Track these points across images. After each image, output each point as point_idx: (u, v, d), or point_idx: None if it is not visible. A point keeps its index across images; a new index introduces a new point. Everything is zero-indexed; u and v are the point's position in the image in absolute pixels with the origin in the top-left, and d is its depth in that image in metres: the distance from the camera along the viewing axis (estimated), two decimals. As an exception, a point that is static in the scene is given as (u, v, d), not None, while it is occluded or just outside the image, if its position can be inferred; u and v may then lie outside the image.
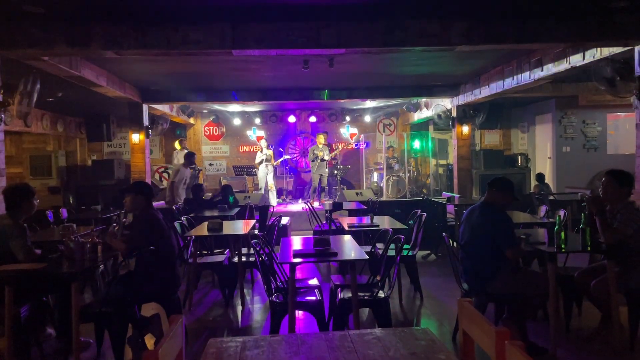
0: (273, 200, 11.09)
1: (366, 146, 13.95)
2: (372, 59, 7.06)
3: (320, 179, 11.32)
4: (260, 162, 11.32)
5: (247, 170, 12.00)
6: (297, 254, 3.68)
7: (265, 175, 11.31)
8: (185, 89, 9.56)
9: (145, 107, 9.61)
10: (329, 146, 12.39)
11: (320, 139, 11.40)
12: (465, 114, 10.14)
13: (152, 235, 3.82)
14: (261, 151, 11.38)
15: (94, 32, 4.81)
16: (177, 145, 12.55)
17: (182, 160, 11.82)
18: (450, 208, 7.98)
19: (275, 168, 11.75)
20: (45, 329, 4.14)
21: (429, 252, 7.53)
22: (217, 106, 12.56)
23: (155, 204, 9.04)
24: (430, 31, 5.03)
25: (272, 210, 7.90)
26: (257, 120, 13.51)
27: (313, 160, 11.26)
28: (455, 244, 5.68)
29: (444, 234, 4.13)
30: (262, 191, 11.19)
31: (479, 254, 3.73)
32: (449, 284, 5.64)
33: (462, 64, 7.71)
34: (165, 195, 9.56)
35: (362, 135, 13.93)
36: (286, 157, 12.64)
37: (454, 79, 9.33)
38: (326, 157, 11.15)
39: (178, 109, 11.50)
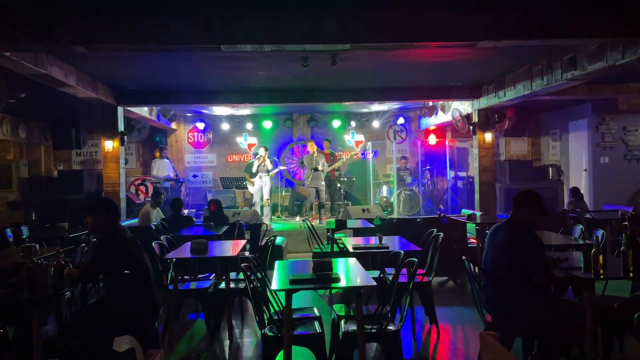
0: (267, 217, 11.08)
1: (374, 155, 13.97)
2: (381, 55, 7.11)
3: (317, 193, 11.28)
4: (256, 172, 11.28)
5: (236, 182, 11.99)
6: (294, 280, 3.67)
7: (261, 188, 11.29)
8: (166, 89, 9.61)
9: (120, 110, 9.65)
10: (332, 155, 12.39)
11: (311, 147, 11.38)
12: (488, 119, 10.17)
13: (119, 259, 3.83)
14: (259, 160, 11.29)
15: (62, 24, 4.85)
16: (157, 153, 12.57)
17: (161, 171, 11.85)
18: (471, 227, 7.97)
19: (271, 180, 11.72)
20: (2, 366, 4.11)
21: (446, 278, 7.51)
22: (203, 109, 12.61)
23: (130, 221, 9.08)
24: (448, 24, 5.07)
25: (265, 228, 7.89)
26: (249, 126, 13.56)
27: (315, 170, 11.21)
28: (476, 269, 5.66)
29: (463, 257, 4.12)
30: (257, 206, 11.17)
31: (504, 281, 3.72)
32: (469, 315, 5.61)
33: (484, 61, 7.76)
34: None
35: (369, 143, 13.96)
36: (281, 167, 12.65)
37: (475, 78, 9.38)
38: (319, 168, 11.12)
39: (158, 112, 11.54)
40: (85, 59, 6.73)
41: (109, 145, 9.55)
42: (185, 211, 9.18)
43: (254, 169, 11.34)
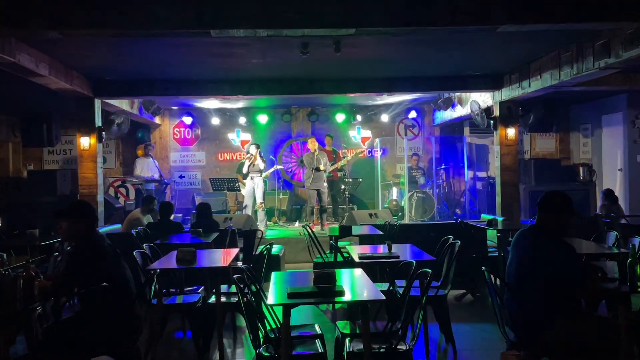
0: (262, 223, 11.08)
1: (382, 153, 13.97)
2: (390, 42, 7.11)
3: (318, 196, 11.26)
4: (247, 173, 11.29)
5: (228, 184, 12.00)
6: (292, 293, 3.67)
7: (253, 190, 11.29)
8: (149, 80, 9.62)
9: (97, 102, 9.67)
10: (334, 153, 12.38)
11: (312, 144, 11.34)
12: (511, 112, 10.16)
13: (96, 270, 3.83)
14: (250, 160, 11.30)
15: (33, 6, 4.86)
16: (139, 151, 12.58)
17: (145, 171, 11.85)
18: (492, 234, 7.96)
19: (265, 181, 11.72)
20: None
21: (463, 291, 7.50)
22: (190, 102, 12.62)
23: (108, 227, 9.09)
24: (464, 6, 5.07)
25: (260, 235, 7.89)
26: (242, 120, 13.56)
27: (317, 170, 11.17)
28: (498, 281, 5.65)
29: (483, 267, 4.12)
30: (248, 211, 11.17)
31: (530, 294, 3.71)
32: (489, 332, 5.61)
33: (506, 48, 7.75)
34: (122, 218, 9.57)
35: (377, 140, 13.95)
36: (278, 167, 12.64)
37: (496, 67, 9.38)
38: (321, 167, 11.10)
39: (140, 105, 11.56)
40: (59, 45, 6.73)
41: (85, 142, 9.55)
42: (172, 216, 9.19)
43: (244, 169, 11.34)
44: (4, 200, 11.48)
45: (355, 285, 4.09)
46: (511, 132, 10.22)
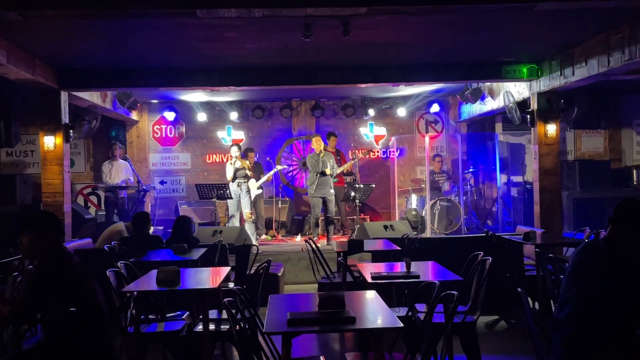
0: (252, 235, 11.08)
1: (400, 154, 13.97)
2: (408, 23, 7.12)
3: (324, 204, 11.26)
4: (233, 179, 11.33)
5: (217, 191, 12.01)
6: (293, 320, 3.67)
7: (238, 198, 11.31)
8: (124, 68, 9.64)
9: (64, 95, 9.69)
10: (337, 154, 12.38)
11: (317, 143, 11.33)
12: (552, 105, 10.15)
13: (63, 292, 3.84)
14: (232, 163, 11.36)
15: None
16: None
17: (115, 175, 11.87)
18: (529, 249, 7.94)
19: (249, 188, 11.71)
20: None
21: (496, 317, 7.49)
22: (173, 95, 12.65)
23: (77, 242, 9.11)
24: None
25: (256, 252, 7.90)
26: (234, 116, 13.57)
27: (322, 175, 11.16)
28: (537, 305, 5.64)
29: (519, 289, 4.11)
30: (235, 222, 11.20)
31: (593, 320, 3.66)
32: (527, 366, 5.60)
33: (545, 30, 7.76)
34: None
35: (393, 138, 13.97)
36: (278, 167, 12.65)
37: (534, 52, 9.38)
38: (327, 171, 11.09)
39: (114, 98, 11.59)
40: (19, 29, 6.77)
41: (50, 141, 9.57)
42: (151, 228, 9.17)
43: (228, 175, 11.37)
44: (-45, 210, 11.53)
45: (367, 310, 4.09)
46: (551, 128, 10.20)
